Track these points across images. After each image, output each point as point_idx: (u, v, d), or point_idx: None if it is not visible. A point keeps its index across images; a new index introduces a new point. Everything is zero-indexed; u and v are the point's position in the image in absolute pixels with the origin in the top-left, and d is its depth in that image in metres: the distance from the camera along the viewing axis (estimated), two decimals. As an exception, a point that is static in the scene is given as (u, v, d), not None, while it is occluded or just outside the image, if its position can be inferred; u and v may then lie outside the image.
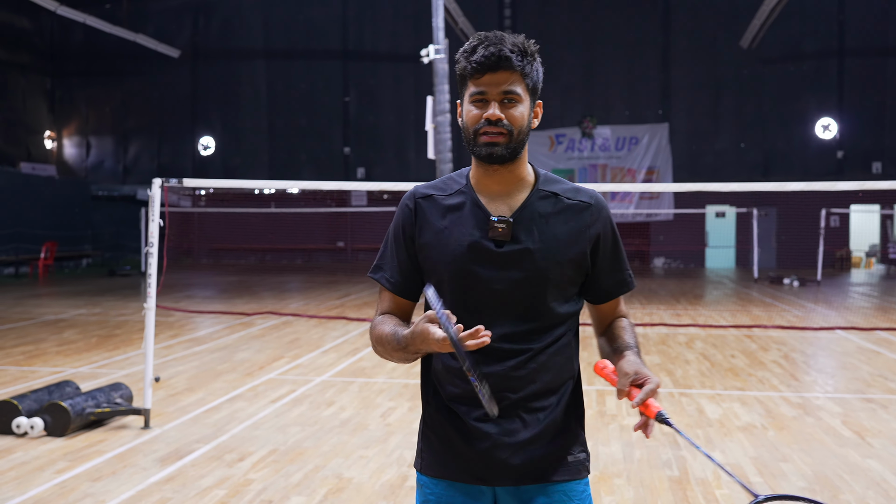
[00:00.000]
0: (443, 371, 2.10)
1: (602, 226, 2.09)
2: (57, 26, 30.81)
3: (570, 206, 2.07)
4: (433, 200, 2.12)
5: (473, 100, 2.01)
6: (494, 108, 1.97)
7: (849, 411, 7.02)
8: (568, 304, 2.09)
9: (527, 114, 2.02)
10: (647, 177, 27.65)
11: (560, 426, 2.09)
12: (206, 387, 7.96)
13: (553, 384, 2.07)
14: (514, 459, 2.03)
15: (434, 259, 2.07)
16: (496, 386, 1.99)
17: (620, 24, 28.08)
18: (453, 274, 2.04)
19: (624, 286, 2.18)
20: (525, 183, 2.08)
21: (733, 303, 16.18)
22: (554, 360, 2.07)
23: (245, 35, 30.49)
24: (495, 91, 1.98)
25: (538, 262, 2.01)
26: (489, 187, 2.07)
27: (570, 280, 2.07)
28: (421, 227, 2.10)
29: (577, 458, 2.12)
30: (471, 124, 2.01)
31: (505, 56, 1.95)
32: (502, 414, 2.01)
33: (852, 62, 26.92)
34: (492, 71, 1.97)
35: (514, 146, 2.00)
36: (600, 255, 2.10)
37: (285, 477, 5.19)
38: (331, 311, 14.50)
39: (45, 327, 12.32)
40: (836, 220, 25.92)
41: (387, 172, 28.96)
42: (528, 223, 2.03)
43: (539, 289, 2.02)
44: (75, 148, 32.24)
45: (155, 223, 6.66)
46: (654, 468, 5.38)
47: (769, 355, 9.88)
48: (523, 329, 2.03)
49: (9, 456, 5.62)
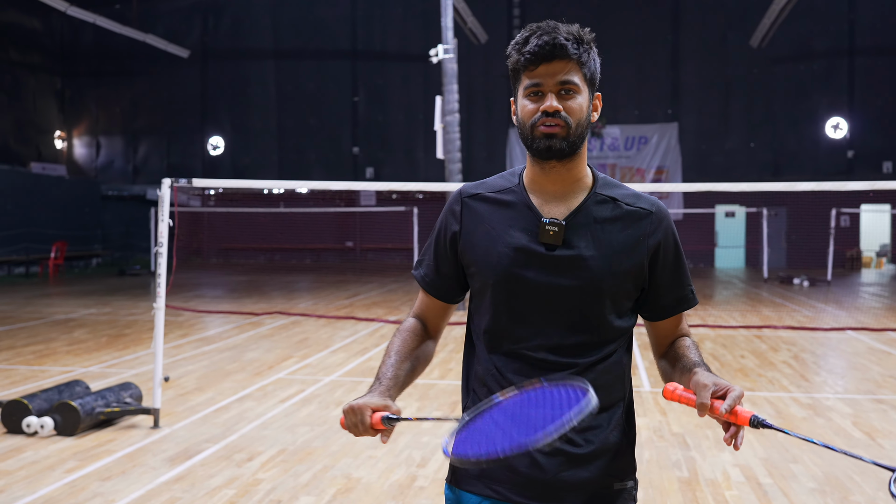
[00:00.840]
0: (481, 380, 1.97)
1: (663, 236, 1.93)
2: (67, 27, 30.91)
3: (629, 213, 1.92)
4: (481, 199, 1.99)
5: (528, 93, 1.89)
6: (552, 100, 1.85)
7: (859, 412, 6.99)
8: (621, 319, 1.93)
9: (586, 105, 1.90)
10: (656, 176, 27.59)
11: (610, 449, 1.91)
12: (216, 386, 7.97)
13: (603, 402, 1.84)
14: (559, 480, 1.87)
15: (479, 262, 1.94)
16: None
17: (630, 23, 28.02)
18: (499, 278, 1.90)
19: (685, 303, 2.01)
20: (582, 185, 1.94)
21: (743, 303, 16.13)
22: (603, 378, 1.89)
23: (254, 35, 30.53)
24: (551, 82, 1.86)
25: (592, 270, 1.86)
26: (544, 187, 1.93)
27: (626, 293, 1.92)
28: (466, 228, 1.98)
29: (625, 486, 1.94)
30: (526, 119, 1.88)
31: (560, 44, 1.85)
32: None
33: (863, 61, 26.80)
34: (547, 61, 1.85)
35: (573, 140, 1.86)
36: (659, 267, 1.94)
37: (294, 477, 5.19)
38: (340, 310, 14.51)
39: (55, 327, 12.36)
40: (847, 220, 25.82)
41: (396, 172, 28.96)
42: (582, 228, 1.88)
43: (591, 299, 1.87)
44: (85, 148, 32.34)
45: (164, 223, 6.67)
46: (663, 469, 5.37)
47: (779, 356, 9.84)
48: (571, 342, 1.88)
49: (19, 455, 5.64)
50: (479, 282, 1.96)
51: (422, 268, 2.09)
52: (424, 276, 2.08)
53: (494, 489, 1.91)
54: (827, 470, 5.33)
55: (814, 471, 5.31)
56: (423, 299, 2.11)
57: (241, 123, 31.00)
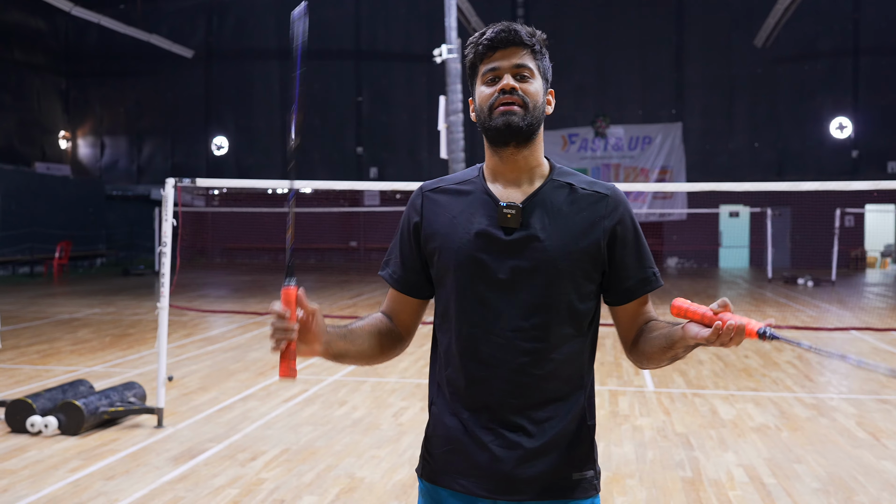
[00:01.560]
0: (443, 369, 2.00)
1: (619, 218, 1.96)
2: (71, 27, 30.96)
3: (584, 196, 1.96)
4: (441, 192, 2.04)
5: (485, 80, 1.95)
6: (508, 79, 1.90)
7: (863, 412, 6.97)
8: (582, 303, 1.94)
9: (542, 92, 1.95)
10: (660, 176, 27.56)
11: (568, 440, 1.94)
12: (219, 386, 7.98)
13: (561, 392, 1.93)
14: (517, 473, 1.90)
15: (441, 248, 1.97)
16: (499, 391, 1.90)
17: (634, 23, 28.01)
18: (460, 262, 1.93)
19: (647, 284, 2.01)
20: (539, 173, 1.99)
21: (747, 303, 16.11)
22: (562, 368, 1.92)
23: (258, 35, 30.56)
24: (507, 64, 1.92)
25: (548, 250, 1.89)
26: (503, 174, 1.98)
27: (585, 274, 1.93)
28: (427, 219, 2.01)
29: (584, 476, 1.96)
30: (484, 103, 1.94)
31: (514, 29, 1.93)
32: (506, 424, 1.91)
33: (867, 61, 26.76)
34: (503, 47, 1.92)
35: (530, 119, 1.91)
36: (618, 249, 1.96)
37: (297, 476, 5.20)
38: (343, 310, 14.51)
39: (59, 326, 12.38)
40: (851, 220, 25.78)
41: (399, 172, 28.97)
42: (539, 211, 1.92)
43: (549, 279, 1.89)
44: (90, 148, 32.39)
45: (168, 223, 6.68)
46: (666, 469, 5.36)
47: (783, 356, 9.83)
48: (531, 323, 1.89)
49: (23, 454, 5.65)
50: (441, 268, 1.98)
51: (388, 267, 2.12)
52: (392, 273, 2.10)
53: (460, 483, 1.94)
54: (831, 470, 5.32)
55: (818, 471, 5.30)
56: (393, 296, 2.13)
57: (244, 123, 31.04)
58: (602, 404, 7.23)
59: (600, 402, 7.33)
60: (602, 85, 28.38)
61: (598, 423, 6.56)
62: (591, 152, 28.27)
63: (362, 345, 2.04)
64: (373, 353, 2.07)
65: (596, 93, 28.38)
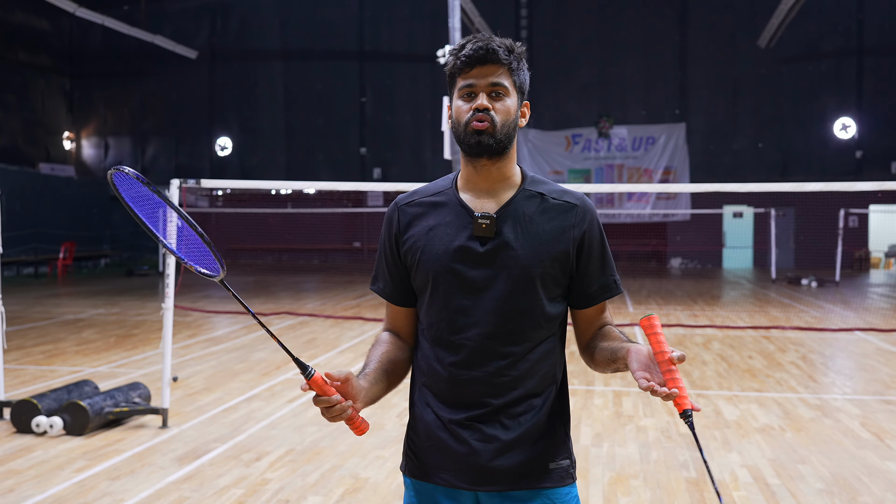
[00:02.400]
0: (425, 373, 2.11)
1: (587, 227, 2.06)
2: (75, 28, 30.99)
3: (555, 206, 2.06)
4: (415, 205, 2.13)
5: (462, 94, 2.03)
6: (483, 99, 1.99)
7: (867, 413, 6.97)
8: (552, 304, 2.05)
9: (514, 108, 2.03)
10: (663, 177, 27.52)
11: (542, 431, 2.05)
12: (224, 386, 8.00)
13: (537, 389, 2.05)
14: (495, 464, 2.01)
15: (419, 261, 2.06)
16: (478, 392, 2.01)
17: (637, 23, 27.97)
18: (437, 273, 2.03)
19: (607, 291, 2.12)
20: (511, 183, 2.07)
21: (751, 303, 16.10)
22: (538, 367, 2.04)
23: (262, 36, 30.57)
24: (483, 83, 2.00)
25: (521, 258, 1.99)
26: (476, 185, 2.07)
27: (554, 280, 2.04)
28: (404, 233, 2.11)
29: (560, 465, 2.08)
30: (461, 118, 2.02)
31: (493, 49, 1.98)
32: (483, 419, 2.01)
33: (871, 61, 26.71)
34: (480, 64, 1.99)
35: (500, 137, 1.99)
36: (584, 256, 2.06)
37: (302, 477, 5.21)
38: (347, 311, 14.53)
39: (64, 327, 12.41)
40: (855, 221, 25.75)
41: (403, 173, 28.97)
42: (512, 221, 2.02)
43: (523, 286, 1.99)
44: (94, 148, 32.43)
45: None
46: (670, 469, 5.37)
47: (787, 356, 9.82)
48: (507, 329, 2.00)
49: (28, 454, 5.66)
50: (420, 280, 2.08)
51: (378, 282, 2.21)
52: (383, 288, 2.19)
53: (442, 477, 2.07)
54: (835, 471, 5.32)
55: (822, 471, 5.30)
56: (392, 311, 2.21)
57: (248, 124, 31.05)
58: (606, 405, 7.24)
59: (604, 402, 7.34)
60: (605, 85, 28.36)
61: (602, 423, 6.56)
62: (595, 153, 28.26)
63: (389, 381, 2.13)
64: (399, 380, 2.18)
65: (599, 93, 28.36)
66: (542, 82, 27.96)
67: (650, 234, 27.25)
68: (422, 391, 2.13)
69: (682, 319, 13.26)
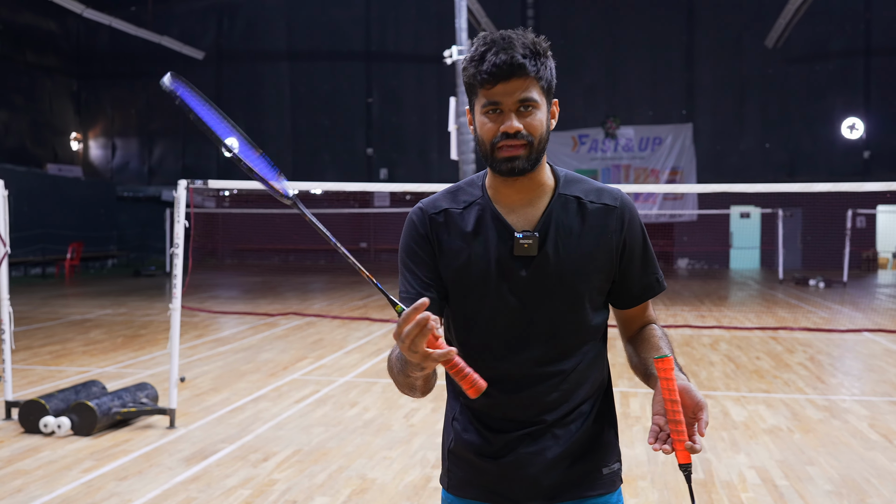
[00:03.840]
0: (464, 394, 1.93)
1: (629, 228, 1.94)
2: (83, 29, 31.07)
3: (594, 211, 1.91)
4: (448, 215, 1.95)
5: (486, 111, 1.84)
6: (512, 120, 1.81)
7: (876, 414, 6.95)
8: (597, 314, 1.96)
9: (545, 119, 1.86)
10: (670, 177, 27.48)
11: (593, 436, 1.96)
12: (231, 387, 8.00)
13: (587, 396, 1.96)
14: (547, 478, 1.91)
15: (456, 282, 1.91)
16: (532, 411, 1.90)
17: (644, 23, 27.95)
18: (479, 297, 1.89)
19: (651, 290, 2.02)
20: (545, 188, 1.93)
21: (758, 304, 16.06)
22: (586, 375, 1.95)
23: (269, 37, 30.63)
24: (510, 101, 1.81)
25: (567, 275, 1.87)
26: (508, 197, 1.92)
27: (599, 290, 1.94)
28: (439, 247, 1.93)
29: (612, 469, 1.99)
30: (487, 138, 1.85)
31: (518, 63, 1.78)
32: (534, 434, 1.91)
33: (879, 61, 26.63)
34: (504, 80, 1.79)
35: (535, 156, 1.84)
36: (627, 259, 1.95)
37: (309, 477, 5.21)
38: (354, 311, 14.54)
39: (71, 327, 12.43)
40: (863, 221, 25.66)
41: (409, 173, 28.99)
42: (553, 235, 1.88)
43: (570, 304, 1.89)
44: (101, 149, 32.51)
45: (180, 224, 6.70)
46: (678, 470, 5.35)
47: (795, 357, 9.80)
48: (557, 349, 1.90)
49: (36, 455, 5.68)
50: (457, 300, 1.93)
51: (408, 298, 1.91)
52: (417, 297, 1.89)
53: (489, 494, 1.95)
54: (843, 472, 5.30)
55: (830, 473, 5.29)
56: None
57: (255, 125, 31.07)
58: (613, 406, 7.22)
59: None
60: (612, 86, 28.34)
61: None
62: (602, 153, 28.23)
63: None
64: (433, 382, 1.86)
65: (606, 93, 28.34)
66: (548, 83, 27.93)
67: (657, 234, 27.20)
68: (464, 411, 2.00)
69: (689, 320, 13.23)
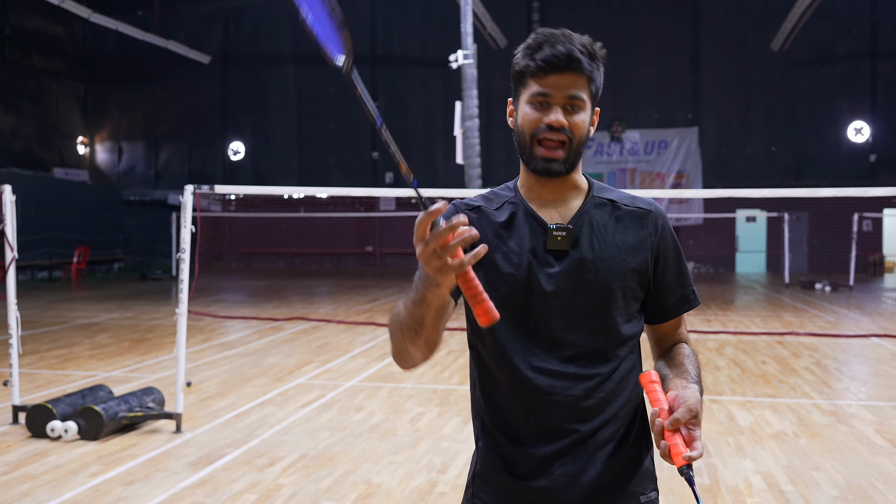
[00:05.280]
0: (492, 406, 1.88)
1: (663, 234, 1.90)
2: (90, 33, 31.20)
3: (629, 213, 1.88)
4: (482, 212, 1.90)
5: (534, 101, 1.81)
6: (558, 114, 1.78)
7: (882, 419, 6.94)
8: (631, 322, 1.87)
9: (588, 121, 1.83)
10: (676, 181, 27.45)
11: (632, 459, 1.87)
12: (237, 391, 8.02)
13: (622, 412, 1.85)
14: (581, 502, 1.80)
15: (490, 274, 1.82)
16: (562, 418, 1.80)
17: (649, 27, 27.95)
18: (512, 290, 1.82)
19: (687, 303, 1.94)
20: (579, 191, 1.89)
21: (764, 308, 16.04)
22: (621, 387, 1.85)
23: (275, 41, 30.70)
24: (560, 95, 1.78)
25: (601, 271, 1.81)
26: (541, 196, 1.88)
27: (634, 294, 1.86)
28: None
29: (650, 497, 1.88)
30: (528, 128, 1.81)
31: (576, 58, 1.77)
32: (568, 451, 1.80)
33: (885, 64, 26.58)
34: (559, 72, 1.77)
35: (572, 158, 1.81)
36: (661, 267, 1.90)
37: (315, 482, 5.22)
38: (359, 315, 14.55)
39: (78, 331, 12.47)
40: (869, 225, 25.61)
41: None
42: (587, 231, 1.84)
43: (603, 302, 1.82)
44: (107, 153, 32.62)
45: (187, 230, 6.72)
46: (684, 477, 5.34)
47: (801, 362, 9.78)
48: (590, 349, 1.81)
49: (43, 459, 5.69)
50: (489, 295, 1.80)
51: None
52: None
53: None
54: (850, 478, 5.30)
55: (836, 478, 5.28)
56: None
57: (261, 128, 31.18)
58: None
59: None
60: (618, 89, 28.29)
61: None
62: (607, 157, 28.23)
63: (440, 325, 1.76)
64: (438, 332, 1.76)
65: (612, 97, 28.30)
66: (554, 86, 27.95)
67: (663, 238, 27.12)
68: (485, 426, 1.90)
69: (695, 324, 13.22)
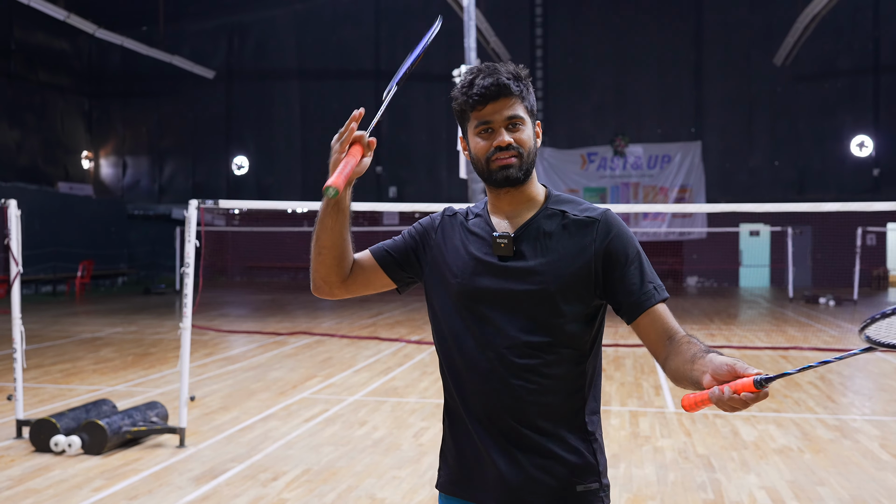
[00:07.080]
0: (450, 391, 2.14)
1: (611, 241, 2.03)
2: (95, 48, 31.35)
3: (575, 222, 2.06)
4: (456, 219, 2.21)
5: (479, 131, 2.08)
6: (503, 136, 2.04)
7: (887, 434, 6.92)
8: (576, 323, 2.03)
9: (532, 134, 2.08)
10: (679, 195, 27.47)
11: (569, 453, 2.04)
12: (240, 406, 8.02)
13: (562, 409, 2.04)
14: (523, 488, 2.02)
15: (446, 271, 2.13)
16: (502, 407, 2.02)
17: (652, 41, 28.01)
18: (462, 285, 2.08)
19: (649, 297, 2.03)
20: (534, 203, 2.12)
21: (768, 322, 16.01)
22: (562, 385, 2.04)
23: (279, 56, 30.82)
24: (500, 119, 2.05)
25: (539, 275, 2.01)
26: (501, 209, 2.13)
27: (577, 296, 2.02)
28: (440, 240, 2.19)
29: (589, 487, 2.05)
30: (482, 154, 2.07)
31: (504, 83, 2.03)
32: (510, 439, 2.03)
33: (888, 79, 26.63)
34: (493, 100, 2.04)
35: (526, 166, 2.06)
36: (614, 269, 2.03)
37: (319, 497, 5.21)
38: (363, 330, 14.55)
39: (81, 345, 12.48)
40: (873, 239, 25.59)
41: (418, 192, 29.04)
42: (531, 240, 2.06)
43: (540, 302, 2.01)
44: (112, 168, 32.71)
45: (191, 244, 6.74)
46: (688, 491, 5.34)
47: (805, 376, 9.76)
48: (526, 342, 2.01)
49: (47, 474, 5.70)
50: (442, 289, 2.15)
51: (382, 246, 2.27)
52: (381, 246, 2.27)
53: (474, 495, 2.10)
54: (854, 493, 5.28)
55: (841, 494, 5.26)
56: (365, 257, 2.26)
57: (265, 143, 31.26)
58: (623, 425, 7.21)
59: (620, 423, 7.31)
60: (621, 104, 28.38)
61: (619, 444, 6.54)
62: (611, 171, 28.25)
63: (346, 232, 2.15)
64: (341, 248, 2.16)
65: (615, 111, 28.38)
66: (557, 101, 28.02)
67: (666, 252, 27.16)
68: (448, 406, 2.18)
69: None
